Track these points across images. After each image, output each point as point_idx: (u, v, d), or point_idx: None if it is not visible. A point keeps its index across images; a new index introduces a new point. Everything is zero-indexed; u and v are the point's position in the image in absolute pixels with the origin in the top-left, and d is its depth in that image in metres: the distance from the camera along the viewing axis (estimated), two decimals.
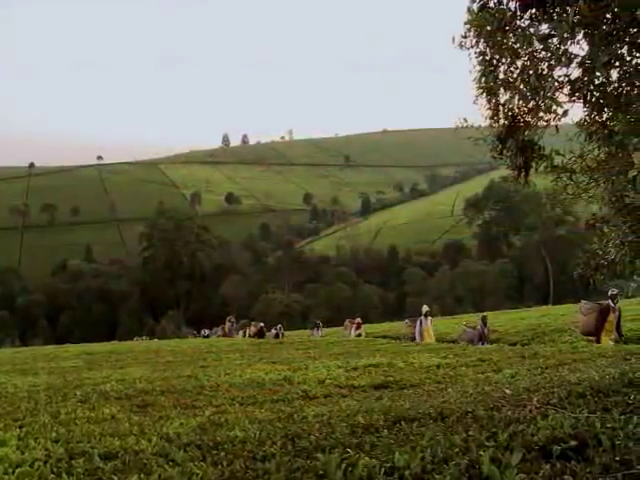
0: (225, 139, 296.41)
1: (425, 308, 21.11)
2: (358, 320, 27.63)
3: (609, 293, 14.76)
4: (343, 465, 3.69)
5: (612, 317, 14.49)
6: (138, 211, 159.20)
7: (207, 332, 45.49)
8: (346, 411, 6.19)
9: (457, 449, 3.68)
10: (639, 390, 4.84)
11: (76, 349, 26.54)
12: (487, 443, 3.71)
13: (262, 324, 35.30)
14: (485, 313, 20.43)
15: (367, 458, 3.76)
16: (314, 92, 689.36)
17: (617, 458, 3.25)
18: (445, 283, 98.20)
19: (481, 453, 3.45)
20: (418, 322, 20.49)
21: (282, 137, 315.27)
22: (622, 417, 3.97)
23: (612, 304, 14.56)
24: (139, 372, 12.68)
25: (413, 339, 20.66)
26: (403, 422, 4.87)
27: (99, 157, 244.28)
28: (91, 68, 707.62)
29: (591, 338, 15.17)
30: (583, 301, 16.13)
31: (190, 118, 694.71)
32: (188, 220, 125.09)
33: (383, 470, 3.51)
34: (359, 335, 26.33)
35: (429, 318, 20.84)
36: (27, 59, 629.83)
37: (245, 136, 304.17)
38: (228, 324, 39.59)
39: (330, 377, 10.33)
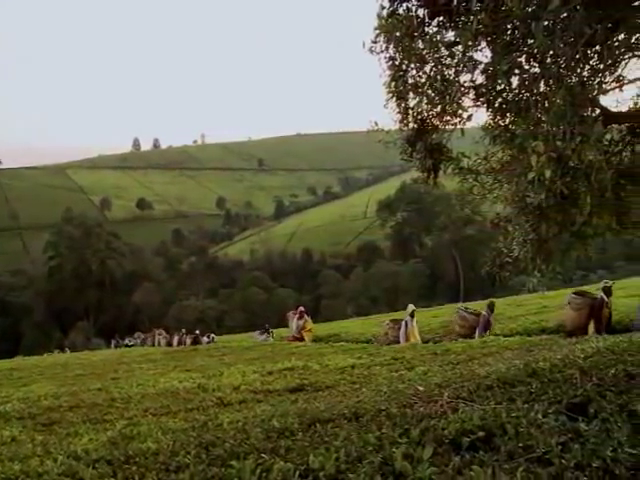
0: (136, 143, 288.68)
1: (411, 307, 19.25)
2: (301, 309, 25.13)
3: (602, 285, 13.77)
4: (258, 471, 3.66)
5: (605, 311, 13.37)
6: (43, 218, 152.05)
7: (131, 341, 43.85)
8: (261, 416, 6.15)
9: (371, 447, 3.72)
10: (541, 379, 5.07)
11: None
12: (400, 440, 3.77)
13: (198, 332, 34.72)
14: (492, 299, 18.41)
15: (282, 462, 3.74)
16: (226, 95, 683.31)
17: (520, 444, 3.39)
18: (359, 284, 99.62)
19: (394, 450, 3.50)
20: (403, 323, 18.70)
21: (194, 141, 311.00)
22: (525, 406, 4.15)
23: (605, 297, 13.41)
24: (45, 388, 12.13)
25: (395, 342, 18.65)
26: (318, 424, 4.88)
27: None
28: None
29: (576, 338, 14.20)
30: (572, 295, 14.59)
31: (98, 122, 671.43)
32: (97, 227, 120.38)
33: (298, 473, 3.51)
34: (303, 328, 24.20)
35: (415, 318, 19.08)
36: None
37: (156, 140, 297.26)
38: (158, 337, 38.28)
39: (245, 382, 10.27)
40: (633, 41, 5.39)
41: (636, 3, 4.79)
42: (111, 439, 5.88)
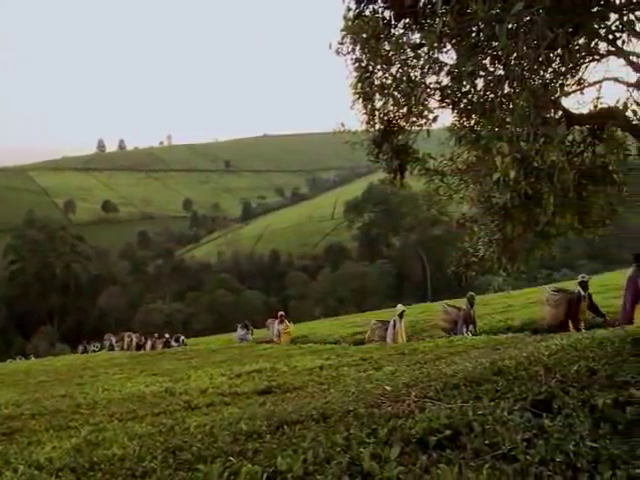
0: (100, 144, 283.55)
1: (400, 307, 19.11)
2: (281, 313, 24.56)
3: (579, 279, 13.82)
4: (225, 474, 3.64)
5: (583, 305, 13.38)
6: (3, 221, 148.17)
7: (98, 345, 42.86)
8: (229, 419, 6.12)
9: (339, 448, 3.72)
10: (507, 377, 5.13)
11: None
12: (367, 440, 3.78)
13: (167, 335, 34.20)
14: (472, 293, 18.07)
15: (250, 465, 3.72)
16: (193, 97, 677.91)
17: (486, 442, 3.43)
18: (327, 285, 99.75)
19: (362, 450, 3.51)
20: (391, 323, 18.45)
21: (161, 142, 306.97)
22: (491, 403, 4.20)
23: (582, 292, 13.44)
24: (6, 396, 11.84)
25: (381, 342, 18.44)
26: (286, 426, 4.87)
27: None
28: None
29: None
30: (550, 291, 14.63)
31: (61, 123, 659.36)
32: (61, 230, 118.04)
33: (265, 475, 3.50)
34: (283, 332, 23.67)
35: (403, 319, 18.74)
36: None
37: (122, 141, 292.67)
38: (127, 339, 37.39)
39: (213, 385, 10.21)
40: (592, 45, 5.51)
41: (594, 9, 4.89)
42: (75, 446, 5.77)
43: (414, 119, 6.68)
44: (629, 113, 5.49)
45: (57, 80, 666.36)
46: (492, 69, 5.54)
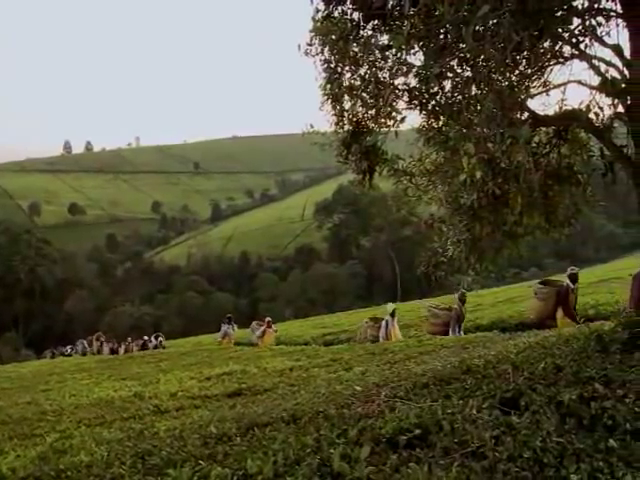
0: (67, 146, 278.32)
1: (391, 306, 18.53)
2: (268, 319, 23.72)
3: (568, 272, 13.60)
4: (195, 478, 3.63)
5: (572, 298, 13.19)
6: None
7: (68, 349, 41.85)
8: (199, 422, 6.08)
9: (309, 449, 3.72)
10: (475, 376, 5.18)
11: None
12: (338, 440, 3.78)
13: (146, 337, 33.61)
14: (463, 290, 17.58)
15: (219, 468, 3.70)
16: (161, 98, 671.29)
17: (456, 440, 3.46)
18: (297, 286, 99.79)
19: (332, 451, 3.51)
20: (384, 323, 17.87)
21: (129, 144, 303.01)
22: (460, 402, 4.23)
23: (571, 285, 13.22)
24: None
25: (374, 341, 17.82)
26: (256, 428, 4.84)
27: None
28: None
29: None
30: (538, 285, 14.45)
31: (26, 123, 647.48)
32: (26, 233, 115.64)
33: (236, 478, 3.49)
34: (264, 334, 22.72)
35: (395, 318, 18.15)
36: None
37: (89, 143, 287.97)
38: (97, 343, 36.54)
39: (182, 389, 10.13)
40: (557, 49, 5.61)
41: (558, 14, 4.97)
42: (41, 454, 5.67)
43: (382, 120, 6.73)
44: (592, 115, 5.60)
45: (21, 79, 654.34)
46: (459, 71, 5.61)
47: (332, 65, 6.55)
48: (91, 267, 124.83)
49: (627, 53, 5.30)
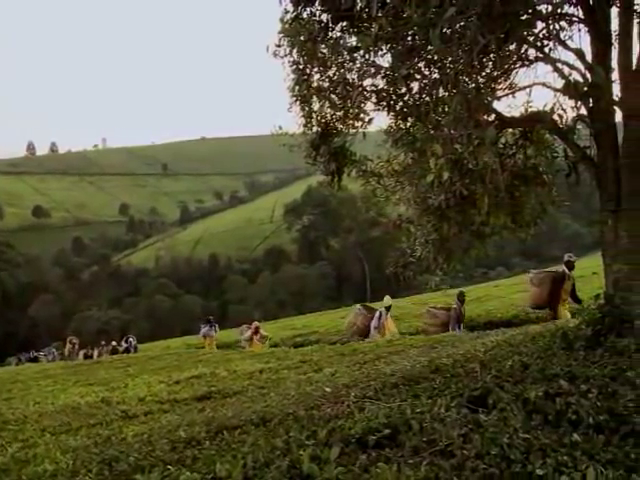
0: (30, 147, 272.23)
1: (388, 300, 17.49)
2: (256, 324, 22.68)
3: (565, 259, 13.56)
4: None
5: (567, 285, 13.12)
6: None
7: (34, 354, 40.70)
8: (167, 427, 6.02)
9: (278, 452, 3.71)
10: (444, 375, 5.23)
11: None
12: (307, 442, 3.77)
13: (114, 343, 32.93)
14: (462, 290, 17.19)
15: (188, 473, 3.67)
16: (128, 99, 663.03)
17: (424, 439, 3.49)
18: (266, 288, 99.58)
19: (301, 452, 3.50)
20: (377, 314, 16.96)
21: (95, 145, 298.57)
22: (429, 401, 4.26)
23: (567, 271, 13.19)
24: None
25: (364, 334, 17.16)
26: (225, 431, 4.81)
27: None
28: None
29: (541, 312, 14.09)
30: (533, 271, 14.52)
31: None
32: None
33: None
34: (251, 339, 21.61)
35: (389, 312, 17.30)
36: None
37: (53, 144, 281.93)
38: (69, 346, 35.55)
39: (151, 393, 10.01)
40: (522, 51, 5.71)
41: (523, 17, 5.05)
42: (2, 465, 5.53)
43: (351, 121, 6.77)
44: (556, 117, 5.71)
45: None
46: (427, 73, 5.66)
47: (300, 66, 6.55)
48: (56, 271, 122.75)
49: (589, 57, 5.42)
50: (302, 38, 6.24)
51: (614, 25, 5.44)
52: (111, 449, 5.18)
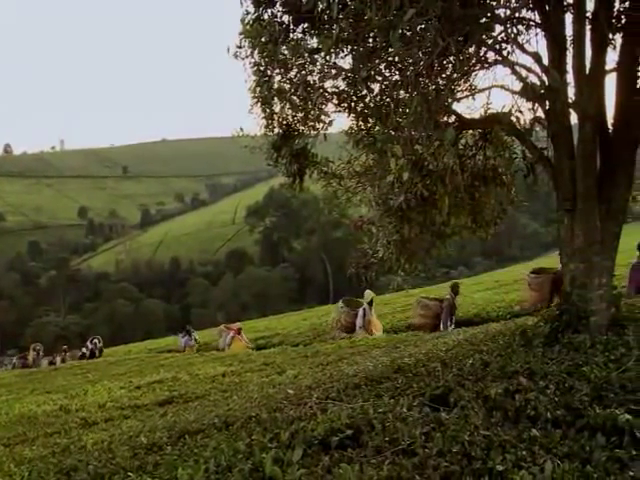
0: None
1: (369, 294, 16.58)
2: (238, 325, 22.11)
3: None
4: None
5: None
6: None
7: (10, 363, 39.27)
8: (128, 433, 5.94)
9: (241, 455, 3.69)
10: (406, 374, 5.28)
11: None
12: (270, 445, 3.76)
13: (85, 349, 32.00)
14: (456, 281, 16.55)
15: (150, 479, 3.61)
16: (87, 100, 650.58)
17: (387, 439, 3.51)
18: (229, 291, 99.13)
19: (264, 455, 3.48)
20: (361, 310, 16.40)
21: (52, 147, 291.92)
22: (391, 401, 4.30)
23: None
24: None
25: (349, 331, 16.65)
26: (187, 436, 4.78)
27: None
28: None
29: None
30: (531, 275, 14.15)
31: None
32: None
33: None
34: (230, 343, 20.73)
35: (373, 307, 16.73)
36: None
37: (8, 145, 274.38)
38: (33, 353, 34.39)
39: (112, 399, 9.86)
40: (482, 54, 5.79)
41: (482, 20, 5.12)
42: None
43: (312, 123, 6.77)
44: (514, 118, 5.80)
45: None
46: (387, 74, 5.70)
47: (261, 68, 6.52)
48: (12, 276, 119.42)
49: (546, 60, 5.53)
50: (263, 39, 6.22)
51: (569, 30, 5.56)
52: (69, 458, 5.10)
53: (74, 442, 6.46)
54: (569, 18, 5.57)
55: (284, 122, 6.88)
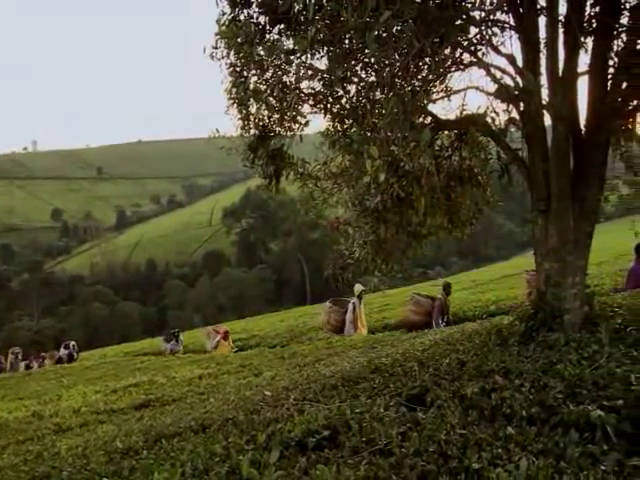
0: None
1: (359, 287, 15.86)
2: (225, 328, 21.46)
3: None
4: None
5: None
6: None
7: None
8: (104, 438, 5.88)
9: (218, 458, 3.68)
10: (383, 374, 5.29)
11: None
12: (247, 447, 3.75)
13: (62, 353, 31.30)
14: (448, 280, 16.07)
15: None
16: (60, 100, 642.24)
17: (364, 439, 3.52)
18: (206, 293, 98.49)
19: (241, 457, 3.47)
20: (350, 306, 15.73)
21: (25, 148, 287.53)
22: (368, 401, 4.31)
23: None
24: None
25: (339, 331, 16.12)
26: (164, 440, 4.75)
27: None
28: None
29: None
30: (530, 272, 13.13)
31: None
32: None
33: None
34: (217, 346, 20.12)
35: (362, 301, 16.10)
36: None
37: None
38: (11, 356, 33.50)
39: (86, 404, 9.75)
40: (457, 56, 5.84)
41: (457, 22, 5.16)
42: None
43: (288, 124, 6.76)
44: (489, 120, 5.86)
45: None
46: (364, 75, 5.72)
47: (238, 69, 6.51)
48: None
49: (520, 62, 5.60)
50: (239, 40, 6.20)
51: (543, 33, 5.64)
52: (42, 465, 5.04)
53: (47, 449, 6.37)
54: (543, 21, 5.64)
55: (260, 123, 6.86)
